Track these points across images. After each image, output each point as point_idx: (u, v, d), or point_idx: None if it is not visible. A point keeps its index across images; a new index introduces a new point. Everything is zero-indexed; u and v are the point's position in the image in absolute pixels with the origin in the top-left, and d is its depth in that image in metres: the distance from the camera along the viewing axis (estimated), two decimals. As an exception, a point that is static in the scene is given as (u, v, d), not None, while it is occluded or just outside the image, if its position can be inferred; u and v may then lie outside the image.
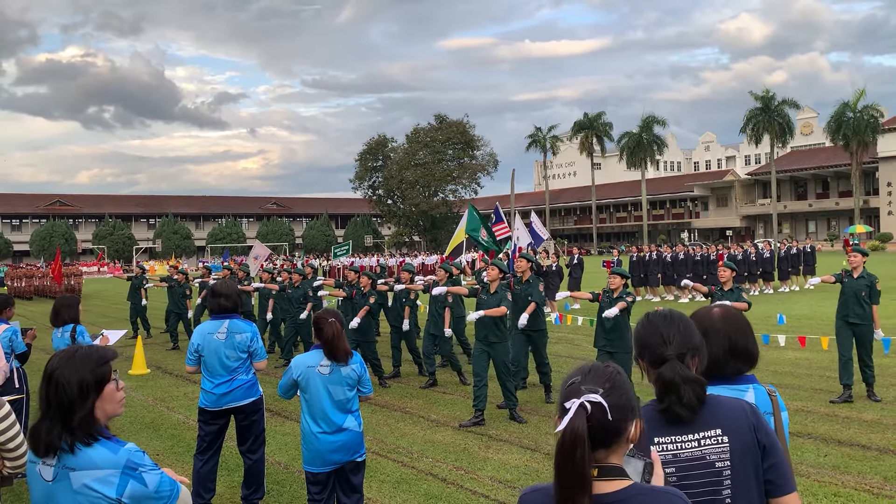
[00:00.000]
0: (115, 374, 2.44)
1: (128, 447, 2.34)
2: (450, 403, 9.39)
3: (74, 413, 2.30)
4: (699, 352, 2.23)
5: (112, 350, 2.49)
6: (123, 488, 2.28)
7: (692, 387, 2.11)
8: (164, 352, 14.97)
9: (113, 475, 2.28)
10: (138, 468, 2.31)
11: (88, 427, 2.31)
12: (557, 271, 19.03)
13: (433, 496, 5.96)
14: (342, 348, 4.61)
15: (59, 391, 2.31)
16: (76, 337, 6.62)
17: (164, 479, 2.36)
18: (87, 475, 2.27)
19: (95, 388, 2.34)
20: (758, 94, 60.83)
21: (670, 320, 2.27)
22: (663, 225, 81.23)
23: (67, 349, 2.46)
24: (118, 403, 2.43)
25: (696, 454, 2.09)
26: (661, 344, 2.22)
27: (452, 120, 72.45)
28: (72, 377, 2.32)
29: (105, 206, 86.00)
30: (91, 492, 2.27)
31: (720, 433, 2.09)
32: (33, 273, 36.78)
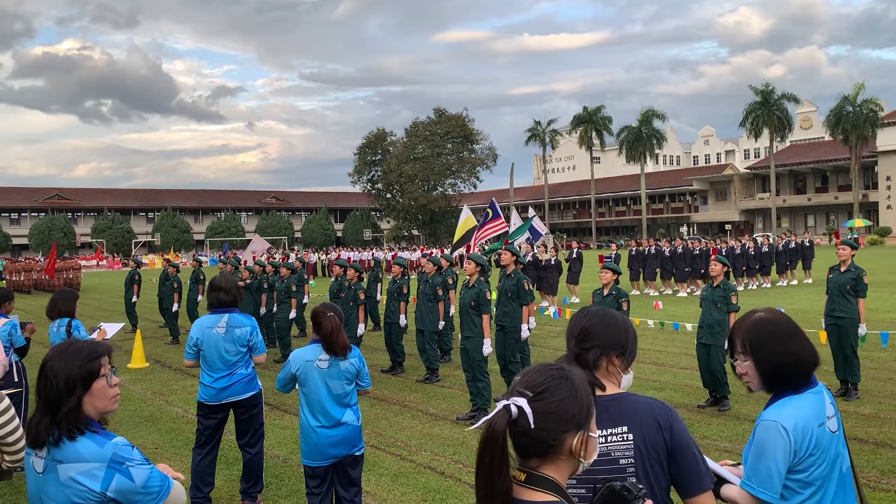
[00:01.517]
0: (111, 370, 2.41)
1: (115, 441, 2.31)
2: (448, 397, 9.40)
3: (60, 406, 2.29)
4: (612, 350, 2.25)
5: (106, 346, 2.47)
6: (109, 482, 2.25)
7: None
8: (163, 346, 14.98)
9: (98, 469, 2.25)
10: (125, 462, 2.28)
11: (74, 421, 2.29)
12: (556, 265, 19.03)
13: (432, 490, 5.97)
14: (341, 342, 4.61)
15: (47, 384, 2.32)
16: (72, 331, 6.62)
17: (153, 475, 2.33)
18: (73, 468, 2.26)
19: (83, 384, 2.32)
20: (757, 88, 60.83)
21: (583, 316, 2.33)
22: (662, 219, 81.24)
23: (64, 342, 2.46)
24: (110, 400, 2.40)
25: (602, 450, 2.10)
26: (569, 338, 2.32)
27: (451, 114, 72.37)
28: (59, 371, 2.31)
29: (103, 200, 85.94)
30: (76, 485, 2.25)
31: (626, 430, 2.13)
32: (32, 267, 36.76)
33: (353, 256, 40.65)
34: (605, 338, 2.25)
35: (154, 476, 2.33)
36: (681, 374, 10.22)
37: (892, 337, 11.47)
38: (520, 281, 8.99)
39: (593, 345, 2.24)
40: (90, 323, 13.89)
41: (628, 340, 2.30)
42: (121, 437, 2.35)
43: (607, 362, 2.25)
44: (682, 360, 11.31)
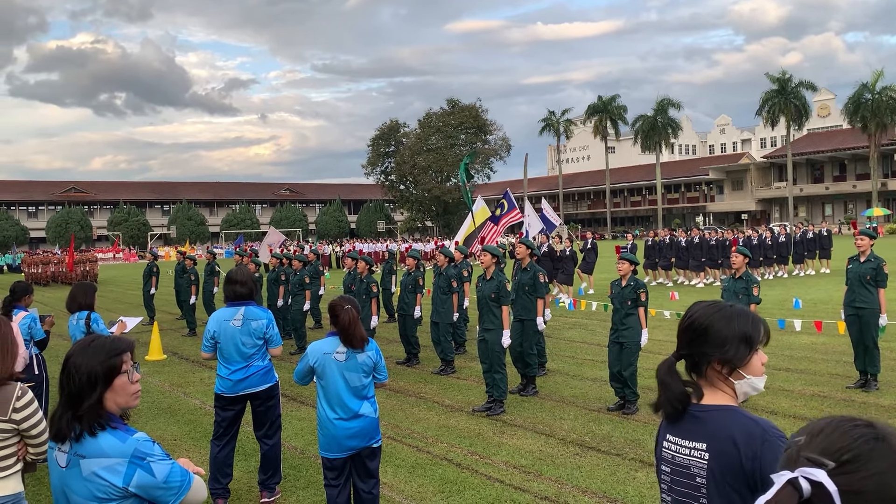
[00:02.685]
0: (133, 366, 2.43)
1: (136, 436, 2.32)
2: (464, 389, 9.41)
3: (82, 401, 2.31)
4: (712, 354, 2.05)
5: (128, 342, 2.48)
6: (130, 477, 2.27)
7: (665, 393, 2.07)
8: (180, 338, 15.08)
9: (120, 464, 2.27)
10: (146, 458, 2.29)
11: (95, 416, 2.31)
12: (571, 256, 18.97)
13: (448, 481, 5.99)
14: (358, 335, 4.63)
15: (70, 379, 2.34)
16: (91, 324, 6.67)
17: (174, 470, 2.34)
18: (95, 463, 2.28)
19: (104, 380, 2.34)
20: (774, 76, 60.22)
21: (691, 312, 2.15)
22: (678, 209, 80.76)
23: (87, 338, 2.46)
24: (131, 396, 2.41)
25: (685, 462, 2.05)
26: (677, 337, 2.16)
27: (465, 104, 72.16)
28: (82, 366, 2.33)
29: (119, 193, 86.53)
30: (99, 479, 2.27)
31: (703, 448, 2.02)
32: (50, 259, 37.08)
33: (367, 248, 40.73)
34: (706, 339, 2.06)
35: (175, 471, 2.34)
36: (697, 365, 10.16)
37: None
38: (536, 274, 9.00)
39: (694, 349, 2.08)
40: (108, 316, 14.01)
41: (731, 341, 2.04)
42: (142, 432, 2.36)
43: (708, 368, 2.07)
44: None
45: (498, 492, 5.70)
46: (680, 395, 2.04)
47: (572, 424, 7.53)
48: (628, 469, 6.12)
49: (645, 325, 7.91)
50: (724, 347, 2.03)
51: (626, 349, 7.86)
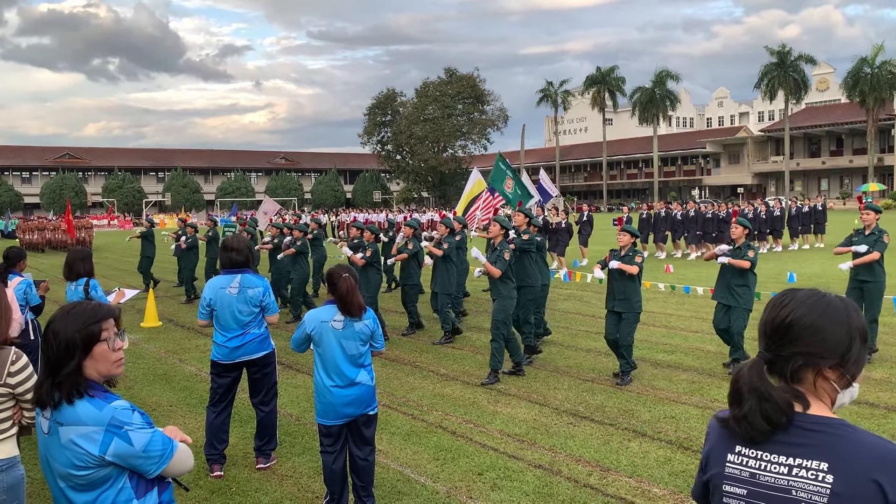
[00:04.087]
0: (118, 333, 2.38)
1: (114, 405, 2.28)
2: (459, 358, 9.46)
3: (60, 369, 2.28)
4: (825, 360, 1.67)
5: (109, 308, 2.43)
6: (107, 446, 2.23)
7: (759, 402, 1.66)
8: (176, 305, 15.09)
9: (97, 432, 2.24)
10: (123, 426, 2.25)
11: (74, 384, 2.27)
12: (567, 228, 18.97)
13: (443, 449, 6.04)
14: (356, 303, 4.63)
15: (48, 345, 2.30)
16: (90, 291, 6.66)
17: (154, 439, 2.29)
18: (73, 430, 2.25)
19: (82, 347, 2.30)
20: (773, 49, 59.86)
21: (783, 305, 1.74)
22: (674, 182, 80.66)
23: (68, 304, 2.43)
24: (113, 364, 2.37)
25: (781, 483, 1.64)
26: (762, 334, 1.76)
27: (462, 74, 71.62)
28: (60, 333, 2.30)
29: (114, 159, 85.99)
30: (76, 447, 2.24)
31: (825, 469, 1.60)
32: (45, 225, 36.94)
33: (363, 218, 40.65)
34: (815, 340, 1.66)
35: (155, 440, 2.30)
36: (691, 337, 10.23)
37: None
38: (532, 239, 9.14)
39: (795, 351, 1.66)
40: (104, 283, 14.00)
41: (853, 343, 1.67)
42: (122, 400, 2.32)
43: (816, 375, 1.67)
44: (693, 323, 11.31)
45: (492, 460, 5.75)
46: (784, 406, 1.64)
47: (566, 394, 7.59)
48: (621, 439, 6.18)
49: (632, 270, 7.81)
50: (846, 353, 1.66)
51: (625, 320, 7.89)
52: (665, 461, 5.63)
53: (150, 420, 2.35)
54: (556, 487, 5.19)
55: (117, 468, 2.28)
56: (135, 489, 2.32)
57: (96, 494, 2.29)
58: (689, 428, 6.39)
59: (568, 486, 5.19)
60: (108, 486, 2.29)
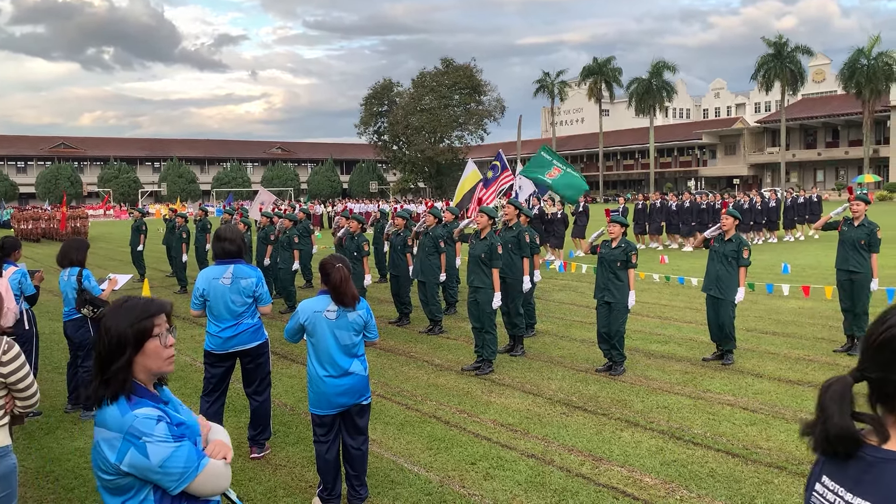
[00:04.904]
0: (169, 329, 2.28)
1: (137, 412, 2.14)
2: (454, 348, 9.48)
3: (111, 364, 2.18)
4: None
5: (162, 303, 2.33)
6: (123, 455, 2.11)
7: (823, 424, 1.50)
8: (171, 294, 15.08)
9: (116, 439, 2.12)
10: (142, 437, 2.11)
11: (122, 382, 2.18)
12: (563, 219, 18.98)
13: (437, 438, 6.07)
14: (349, 293, 4.64)
15: (100, 341, 2.22)
16: (82, 280, 6.67)
17: (175, 455, 2.14)
18: (100, 432, 2.17)
19: (134, 343, 2.20)
20: (770, 40, 59.78)
21: (885, 321, 1.52)
22: (670, 173, 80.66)
23: (121, 298, 2.33)
24: (164, 361, 2.26)
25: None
26: (860, 350, 1.56)
27: (459, 64, 71.37)
28: (112, 328, 2.20)
29: (109, 149, 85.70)
30: (100, 451, 2.16)
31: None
32: (40, 215, 36.84)
33: (359, 208, 40.63)
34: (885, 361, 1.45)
35: (176, 457, 2.15)
36: (685, 328, 10.27)
37: (898, 293, 11.47)
38: (520, 233, 9.01)
39: (888, 375, 1.45)
40: (98, 273, 13.97)
41: None
42: (150, 409, 2.19)
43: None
44: (687, 313, 11.35)
45: (485, 449, 5.78)
46: (841, 433, 1.47)
47: (559, 384, 7.62)
48: (614, 429, 6.21)
49: (633, 287, 7.95)
50: None
51: (615, 310, 7.91)
52: (657, 451, 5.66)
53: (178, 433, 2.20)
54: (549, 477, 5.22)
55: (137, 479, 2.15)
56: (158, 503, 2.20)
57: (120, 501, 2.19)
58: (682, 418, 6.43)
59: (560, 476, 5.23)
60: (131, 495, 2.18)
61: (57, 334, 9.69)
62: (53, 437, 6.37)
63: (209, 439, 2.36)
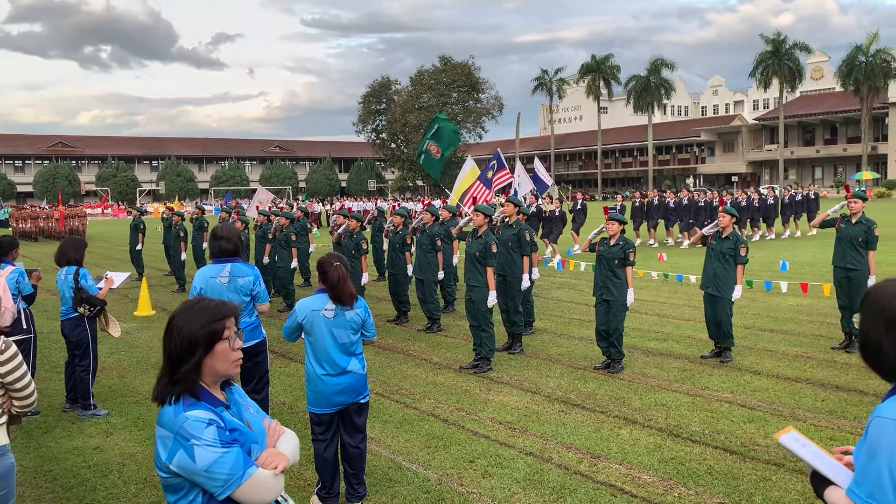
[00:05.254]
0: (237, 332, 2.31)
1: (189, 414, 2.16)
2: (452, 346, 9.48)
3: (181, 365, 2.22)
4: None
5: (232, 306, 2.35)
6: (172, 455, 2.15)
7: None
8: (170, 293, 15.07)
9: (169, 438, 2.16)
10: (190, 439, 2.13)
11: (191, 382, 2.22)
12: (561, 216, 18.99)
13: (435, 436, 6.07)
14: (347, 292, 4.63)
15: (170, 341, 2.25)
16: (79, 279, 6.66)
17: (221, 460, 2.13)
18: (158, 430, 2.21)
19: (205, 345, 2.23)
20: (768, 38, 59.78)
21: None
22: (669, 170, 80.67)
23: (192, 299, 2.36)
24: (231, 363, 2.29)
25: None
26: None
27: (457, 62, 71.33)
28: (183, 329, 2.23)
29: (107, 148, 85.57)
30: (157, 448, 2.20)
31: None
32: (38, 214, 36.80)
33: (357, 206, 40.61)
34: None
35: (222, 462, 2.14)
36: (683, 326, 10.27)
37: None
38: (521, 231, 9.00)
39: None
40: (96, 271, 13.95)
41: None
42: (202, 412, 2.19)
43: None
44: (685, 311, 11.35)
45: (483, 447, 5.79)
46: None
47: (558, 382, 7.62)
48: (612, 426, 6.21)
49: (631, 284, 7.95)
50: None
51: (614, 308, 7.90)
52: (655, 448, 5.66)
53: (229, 438, 2.19)
54: (547, 475, 5.22)
55: (187, 481, 2.18)
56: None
57: (174, 499, 2.22)
58: (680, 415, 6.43)
59: (558, 474, 5.23)
60: (182, 495, 2.21)
61: (55, 333, 9.67)
62: (51, 436, 6.37)
63: (277, 447, 2.35)
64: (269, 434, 2.37)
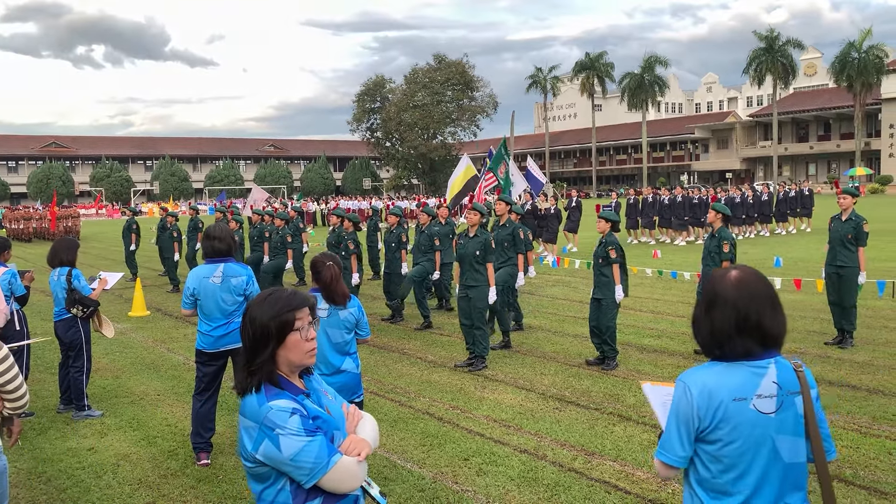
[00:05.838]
0: (311, 322, 2.30)
1: (273, 404, 2.17)
2: (447, 345, 9.49)
3: (256, 356, 2.22)
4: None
5: (305, 297, 2.33)
6: (258, 445, 2.15)
7: None
8: (164, 294, 15.05)
9: (254, 428, 2.16)
10: (276, 428, 2.13)
11: (268, 373, 2.22)
12: (556, 214, 19.00)
13: (430, 435, 6.07)
14: (340, 291, 4.63)
15: (245, 332, 2.26)
16: (72, 280, 6.64)
17: (306, 449, 2.14)
18: (242, 421, 2.22)
19: (276, 336, 2.23)
20: (762, 34, 59.91)
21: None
22: (663, 167, 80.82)
23: (266, 290, 2.35)
24: (305, 354, 2.27)
25: None
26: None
27: (451, 60, 71.32)
28: (256, 320, 2.24)
29: (101, 148, 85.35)
30: (242, 439, 2.21)
31: None
32: (32, 215, 36.68)
33: (352, 205, 40.58)
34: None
35: (307, 451, 2.15)
36: (678, 322, 10.29)
37: (889, 286, 11.51)
38: (515, 230, 9.02)
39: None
40: (90, 272, 13.91)
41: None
42: (285, 402, 2.19)
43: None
44: (680, 308, 11.37)
45: (478, 445, 5.79)
46: None
47: (552, 379, 7.63)
48: (606, 423, 6.23)
49: (618, 281, 7.90)
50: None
51: (603, 306, 7.92)
52: (649, 445, 5.68)
53: (312, 426, 2.19)
54: (541, 472, 5.23)
55: (273, 470, 2.19)
56: (293, 494, 2.21)
57: (261, 488, 2.23)
58: (674, 412, 6.44)
59: (553, 471, 5.24)
60: (269, 483, 2.22)
61: (48, 334, 9.64)
62: (45, 437, 6.36)
63: (357, 432, 2.37)
64: (347, 419, 2.39)
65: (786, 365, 2.25)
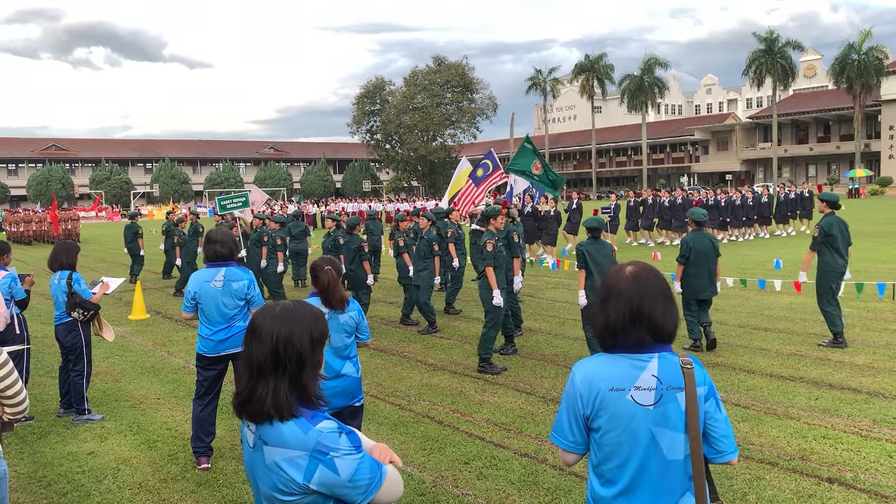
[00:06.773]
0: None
1: (319, 427, 2.04)
2: (447, 348, 9.48)
3: (304, 368, 2.09)
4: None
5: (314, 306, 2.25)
6: (312, 473, 2.02)
7: None
8: (164, 297, 15.05)
9: (301, 457, 2.02)
10: (329, 452, 2.02)
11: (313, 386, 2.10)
12: (555, 216, 18.99)
13: (430, 438, 6.07)
14: (338, 296, 4.62)
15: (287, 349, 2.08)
16: (72, 283, 6.64)
17: (361, 466, 2.05)
18: (277, 452, 2.04)
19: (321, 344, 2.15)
20: (761, 36, 59.90)
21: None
22: (663, 169, 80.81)
23: (271, 306, 2.19)
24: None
25: None
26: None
27: (451, 62, 71.37)
28: (300, 333, 2.10)
29: (101, 151, 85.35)
30: (281, 472, 2.04)
31: None
32: (31, 218, 36.67)
33: (352, 208, 40.58)
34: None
35: (362, 468, 2.06)
36: (678, 325, 10.27)
37: (889, 288, 11.51)
38: (510, 233, 9.02)
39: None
40: (90, 275, 13.92)
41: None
42: (329, 420, 2.09)
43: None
44: (678, 310, 11.35)
45: (479, 449, 5.79)
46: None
47: (553, 382, 7.63)
48: (607, 426, 6.21)
49: (581, 286, 8.00)
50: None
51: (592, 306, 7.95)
52: (650, 448, 5.67)
53: (357, 441, 2.10)
54: (542, 476, 5.23)
55: (321, 496, 2.07)
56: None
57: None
58: (674, 415, 6.43)
59: (553, 475, 5.24)
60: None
61: (49, 338, 9.64)
62: (45, 441, 6.35)
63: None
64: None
65: (671, 360, 2.29)
